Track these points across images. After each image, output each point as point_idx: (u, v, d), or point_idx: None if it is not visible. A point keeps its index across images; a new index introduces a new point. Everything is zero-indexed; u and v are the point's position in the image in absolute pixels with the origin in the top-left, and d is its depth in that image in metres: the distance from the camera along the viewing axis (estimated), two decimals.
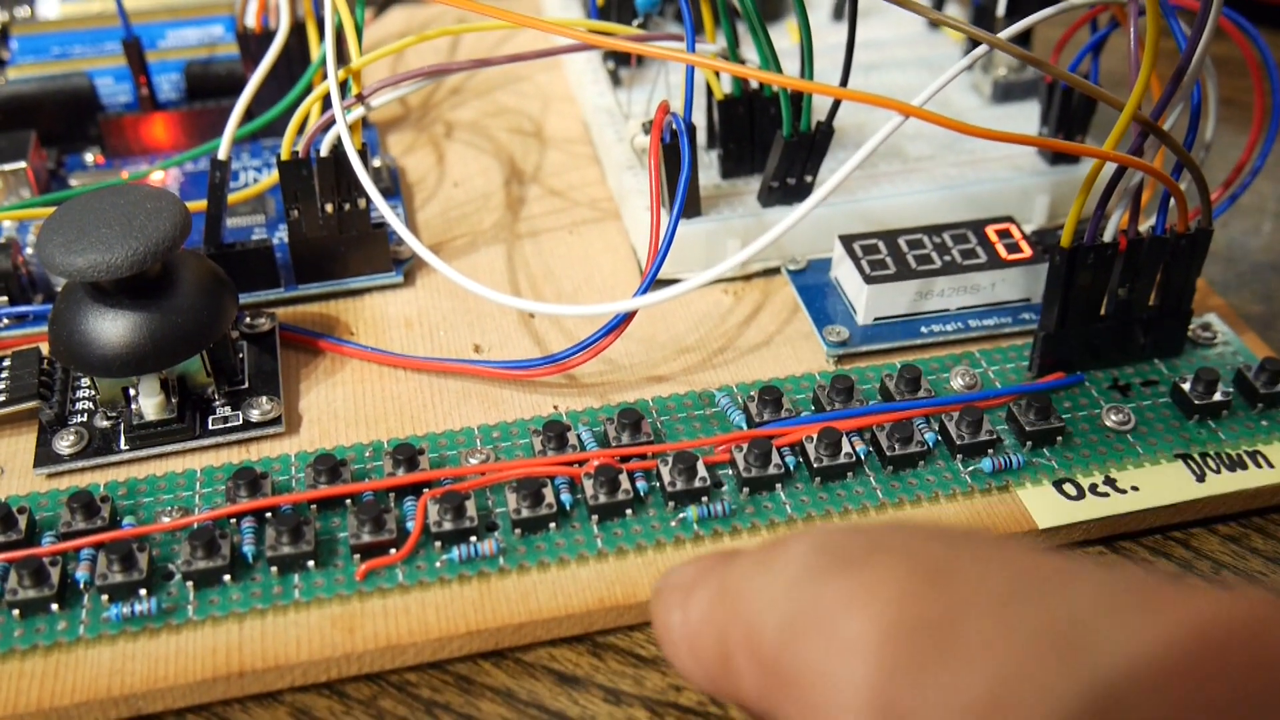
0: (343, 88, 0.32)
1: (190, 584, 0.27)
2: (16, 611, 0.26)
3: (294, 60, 0.38)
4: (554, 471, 0.29)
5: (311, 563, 0.27)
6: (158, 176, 0.40)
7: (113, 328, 0.29)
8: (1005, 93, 0.42)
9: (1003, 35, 0.29)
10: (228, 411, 0.31)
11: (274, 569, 0.27)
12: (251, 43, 0.39)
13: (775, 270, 0.37)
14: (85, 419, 0.31)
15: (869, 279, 0.33)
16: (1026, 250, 0.34)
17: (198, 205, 0.33)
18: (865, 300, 0.34)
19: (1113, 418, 0.31)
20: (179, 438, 0.30)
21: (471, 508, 0.28)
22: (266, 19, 0.39)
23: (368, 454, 0.30)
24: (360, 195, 0.34)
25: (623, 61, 0.43)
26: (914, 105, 0.28)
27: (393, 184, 0.40)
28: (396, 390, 0.32)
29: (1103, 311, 0.32)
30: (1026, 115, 0.41)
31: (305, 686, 0.26)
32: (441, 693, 0.26)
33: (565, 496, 0.28)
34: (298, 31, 0.37)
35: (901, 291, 0.34)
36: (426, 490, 0.29)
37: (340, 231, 0.35)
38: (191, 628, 0.26)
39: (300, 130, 0.33)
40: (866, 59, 0.43)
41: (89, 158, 0.41)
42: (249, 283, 0.35)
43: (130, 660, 0.26)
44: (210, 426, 0.31)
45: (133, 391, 0.30)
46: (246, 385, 0.32)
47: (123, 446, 0.30)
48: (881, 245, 0.34)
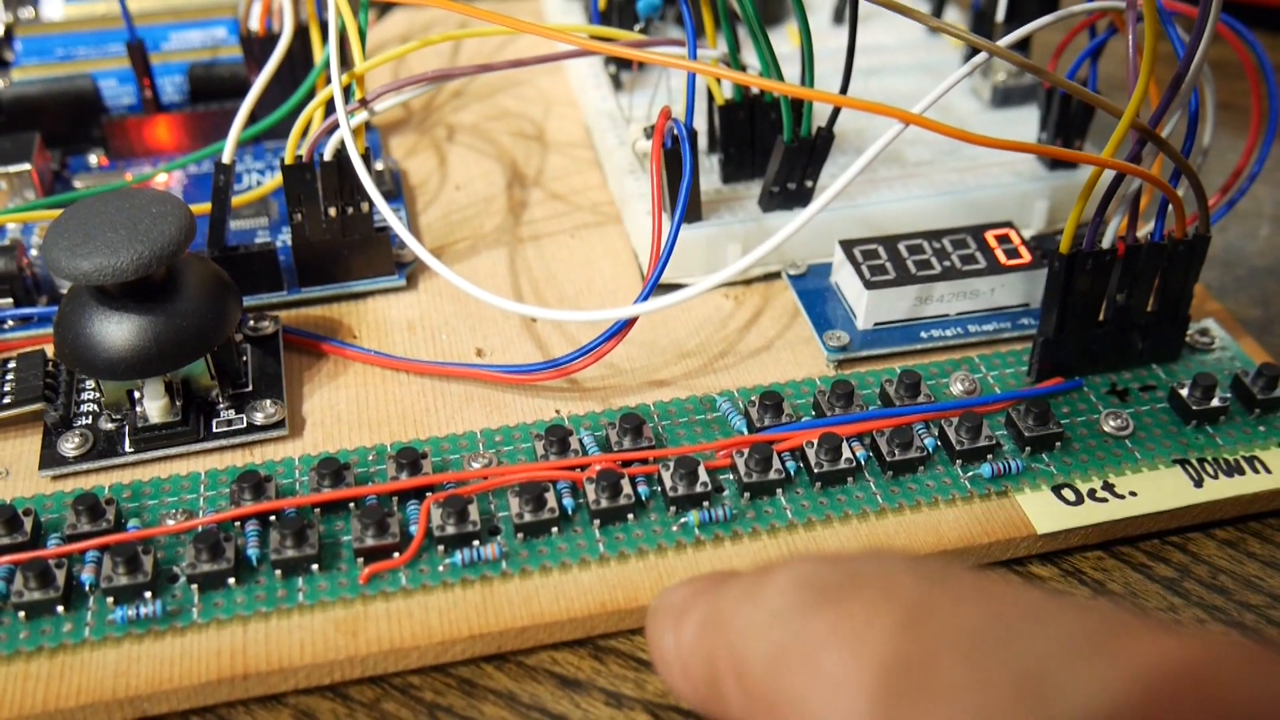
0: (346, 92, 0.32)
1: (195, 587, 0.27)
2: (22, 613, 0.26)
3: (297, 63, 0.38)
4: (556, 476, 0.29)
5: (315, 566, 0.27)
6: (161, 179, 0.40)
7: (118, 331, 0.29)
8: (1004, 97, 0.42)
9: (1002, 42, 0.29)
10: (232, 414, 0.31)
11: (278, 572, 0.27)
12: (255, 45, 0.39)
13: (776, 275, 0.37)
14: (90, 421, 0.31)
15: (869, 284, 0.34)
16: (1026, 256, 0.35)
17: (201, 208, 0.33)
18: (865, 305, 0.34)
19: (1111, 423, 0.31)
20: (183, 440, 0.31)
21: (474, 512, 0.28)
22: (270, 22, 0.39)
23: (371, 457, 0.30)
24: (363, 199, 0.34)
25: (624, 66, 0.43)
26: (914, 113, 0.28)
27: (395, 187, 0.40)
28: (399, 394, 0.33)
29: (1101, 317, 0.32)
30: (1026, 120, 0.41)
31: (309, 689, 0.27)
32: (444, 696, 0.27)
33: (567, 501, 0.29)
34: (301, 35, 0.38)
35: (901, 297, 0.34)
36: (429, 494, 0.29)
37: (343, 235, 0.35)
38: (196, 630, 0.26)
39: (304, 134, 0.33)
40: (867, 64, 0.44)
41: (93, 160, 0.41)
42: (252, 286, 0.35)
43: (135, 662, 0.26)
44: (214, 429, 0.31)
45: (137, 394, 0.31)
46: (250, 388, 0.32)
47: (127, 449, 0.30)
48: (881, 250, 0.35)
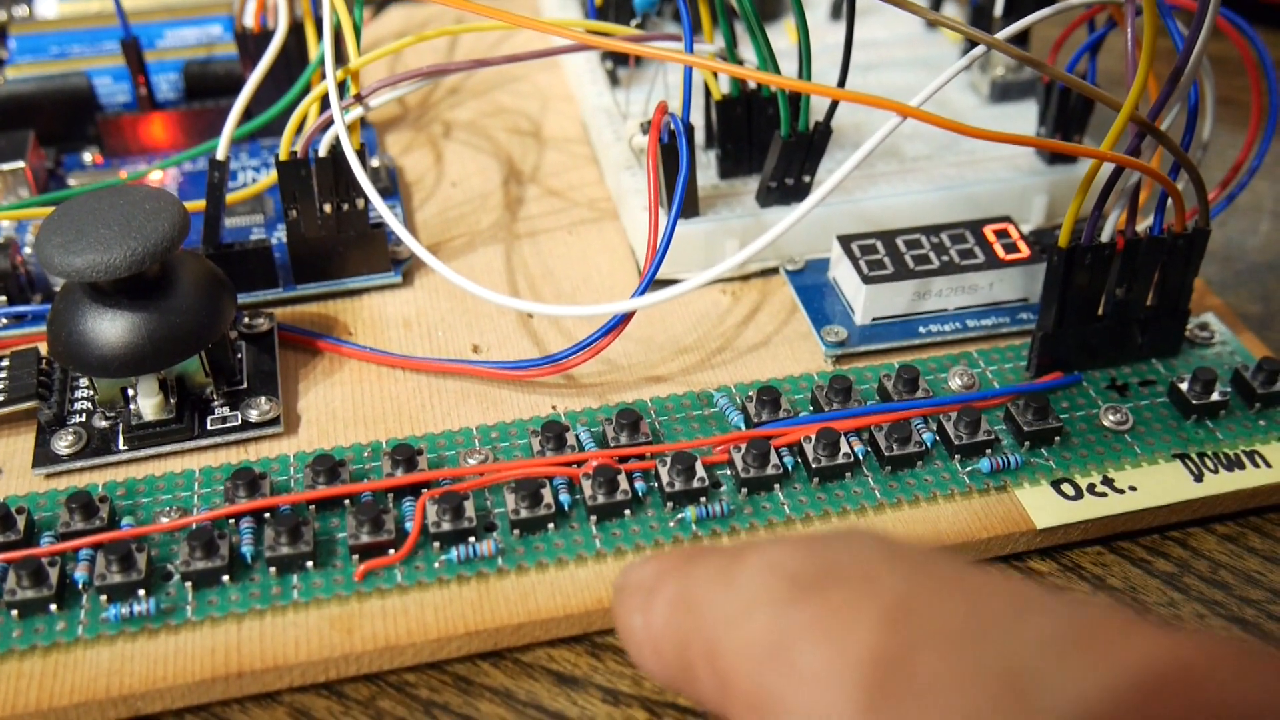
0: (341, 88, 0.32)
1: (189, 584, 0.27)
2: (15, 612, 0.26)
3: (292, 60, 0.38)
4: (552, 472, 0.29)
5: (310, 563, 0.27)
6: (156, 176, 0.40)
7: (111, 328, 0.29)
8: (1003, 92, 0.42)
9: (1000, 35, 0.29)
10: (226, 412, 0.31)
11: (273, 569, 0.27)
12: (250, 42, 0.39)
13: (773, 270, 0.37)
14: (84, 419, 0.31)
15: (867, 279, 0.34)
16: (1024, 250, 0.34)
17: (196, 205, 0.33)
18: (863, 300, 0.34)
19: (1110, 418, 0.31)
20: (177, 438, 0.30)
21: (470, 508, 0.28)
22: (265, 19, 0.39)
23: (366, 454, 0.30)
24: (358, 195, 0.34)
25: (621, 61, 0.43)
26: (912, 106, 0.28)
27: (391, 184, 0.40)
28: (395, 390, 0.33)
29: (1100, 311, 0.32)
30: (1024, 114, 0.41)
31: (304, 687, 0.27)
32: (440, 693, 0.27)
33: (564, 497, 0.29)
34: (296, 31, 0.37)
35: (899, 292, 0.34)
36: (425, 491, 0.29)
37: (339, 231, 0.35)
38: (190, 628, 0.26)
39: (298, 130, 0.33)
40: (864, 59, 0.43)
41: (87, 157, 0.41)
42: (247, 283, 0.35)
43: (129, 661, 0.26)
44: (209, 427, 0.31)
45: (131, 392, 0.30)
46: (245, 385, 0.32)
47: (121, 447, 0.30)
48: (879, 245, 0.34)
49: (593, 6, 0.41)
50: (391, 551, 0.27)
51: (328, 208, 0.34)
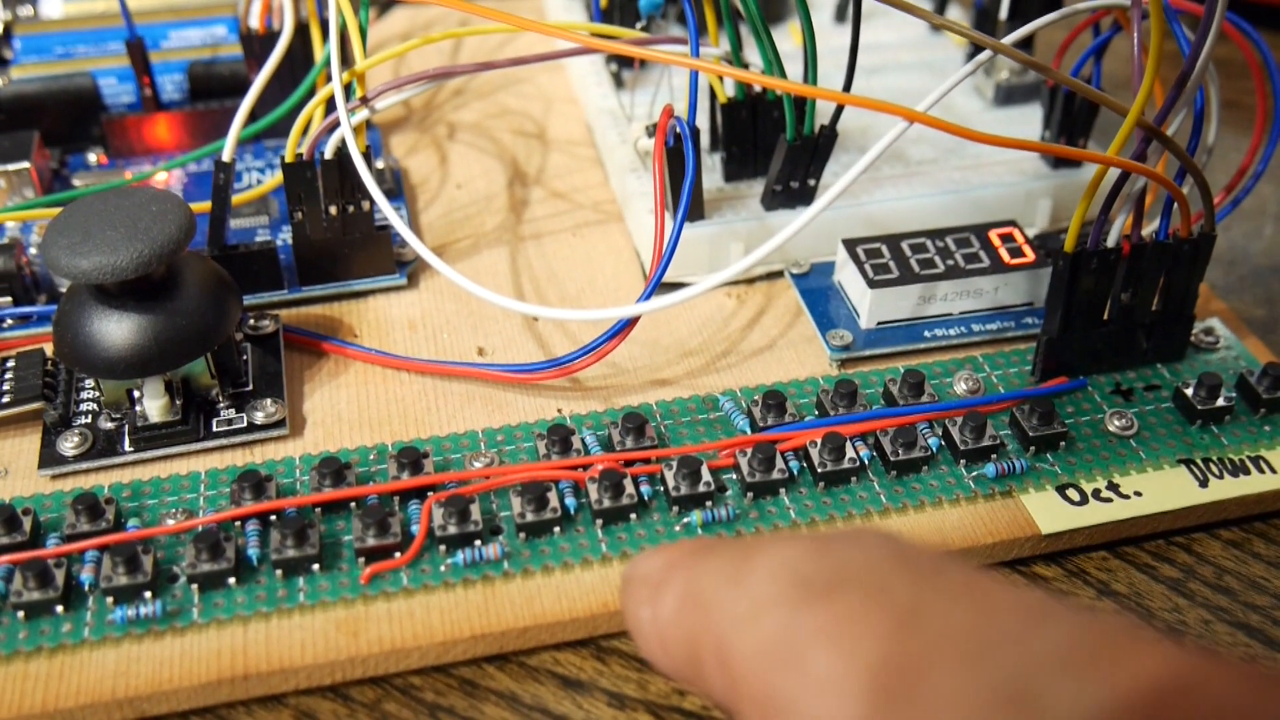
0: (347, 90, 0.32)
1: (195, 586, 0.27)
2: (21, 613, 0.26)
3: (297, 61, 0.38)
4: (558, 475, 0.29)
5: (316, 566, 0.27)
6: (161, 177, 0.40)
7: (117, 329, 0.29)
8: (1008, 96, 0.42)
9: (1005, 40, 0.29)
10: (232, 414, 0.31)
11: (278, 572, 0.27)
12: (255, 43, 0.39)
13: (778, 274, 0.37)
14: (89, 420, 0.31)
15: (872, 283, 0.34)
16: (1029, 254, 0.34)
17: (201, 206, 0.33)
18: (868, 304, 0.34)
19: (1115, 423, 0.31)
20: (183, 440, 0.30)
21: (476, 511, 0.28)
22: (270, 20, 0.39)
23: (372, 457, 0.30)
24: (364, 197, 0.34)
25: (626, 64, 0.43)
26: (918, 111, 0.28)
27: (396, 186, 0.40)
28: (400, 393, 0.33)
29: (1105, 316, 0.32)
30: (1029, 118, 0.41)
31: (309, 690, 0.27)
32: (446, 696, 0.27)
33: (569, 500, 0.29)
34: (301, 32, 0.37)
35: (905, 296, 0.34)
36: (431, 494, 0.29)
37: (344, 233, 0.35)
38: (196, 630, 0.26)
39: (304, 132, 0.33)
40: (869, 62, 0.43)
41: (92, 158, 0.41)
42: (253, 284, 0.35)
43: (135, 663, 0.26)
44: (214, 429, 0.31)
45: (137, 393, 0.30)
46: (251, 387, 0.32)
47: (127, 448, 0.30)
48: (885, 249, 0.34)
49: (598, 9, 0.41)
50: (397, 554, 0.28)
51: (333, 210, 0.34)
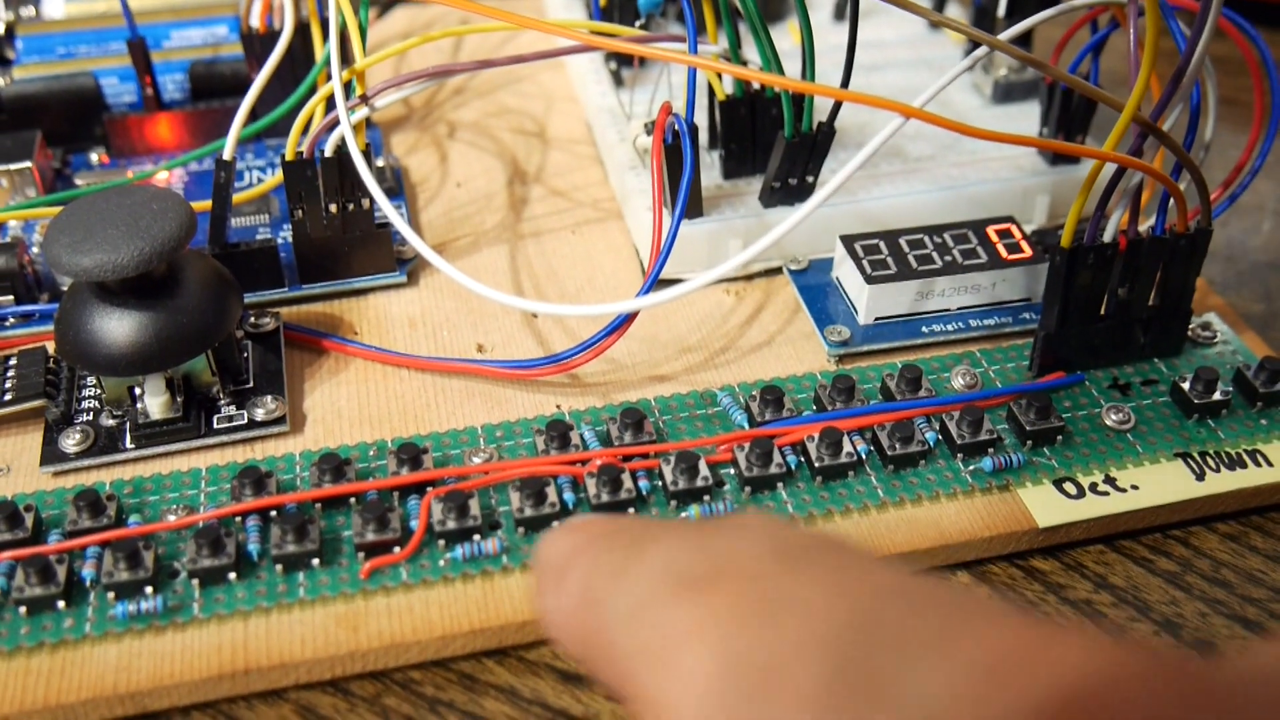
0: (347, 88, 0.32)
1: (196, 582, 0.27)
2: (23, 609, 0.26)
3: (297, 60, 0.38)
4: (557, 471, 0.29)
5: (316, 561, 0.27)
6: (162, 176, 0.40)
7: (119, 327, 0.29)
8: (1006, 93, 0.42)
9: (1003, 36, 0.29)
10: (233, 411, 0.31)
11: (279, 567, 0.27)
12: (256, 43, 0.39)
13: (777, 270, 0.37)
14: (91, 418, 0.31)
15: (870, 279, 0.34)
16: (1027, 250, 0.35)
17: (202, 205, 0.33)
18: (866, 300, 0.34)
19: (1113, 417, 0.31)
20: (184, 436, 0.31)
21: (475, 507, 0.28)
22: (271, 19, 0.39)
23: (372, 453, 0.30)
24: (364, 195, 0.34)
25: (625, 62, 0.43)
26: (915, 107, 0.28)
27: (396, 184, 0.40)
28: (400, 390, 0.33)
29: (1103, 311, 0.32)
30: (1027, 115, 0.41)
31: (310, 684, 0.27)
32: (445, 690, 0.27)
33: (568, 496, 0.29)
34: (301, 32, 0.38)
35: (902, 291, 0.34)
36: (430, 489, 0.29)
37: (344, 231, 0.35)
38: (197, 625, 0.27)
39: (304, 131, 0.33)
40: (867, 59, 0.44)
41: (94, 157, 0.41)
42: (253, 282, 0.35)
43: (136, 658, 0.26)
44: (215, 426, 0.31)
45: (138, 390, 0.31)
46: (251, 384, 0.32)
47: (128, 445, 0.30)
48: (882, 245, 0.35)
49: (597, 7, 0.41)
50: (397, 549, 0.28)
51: (333, 208, 0.34)
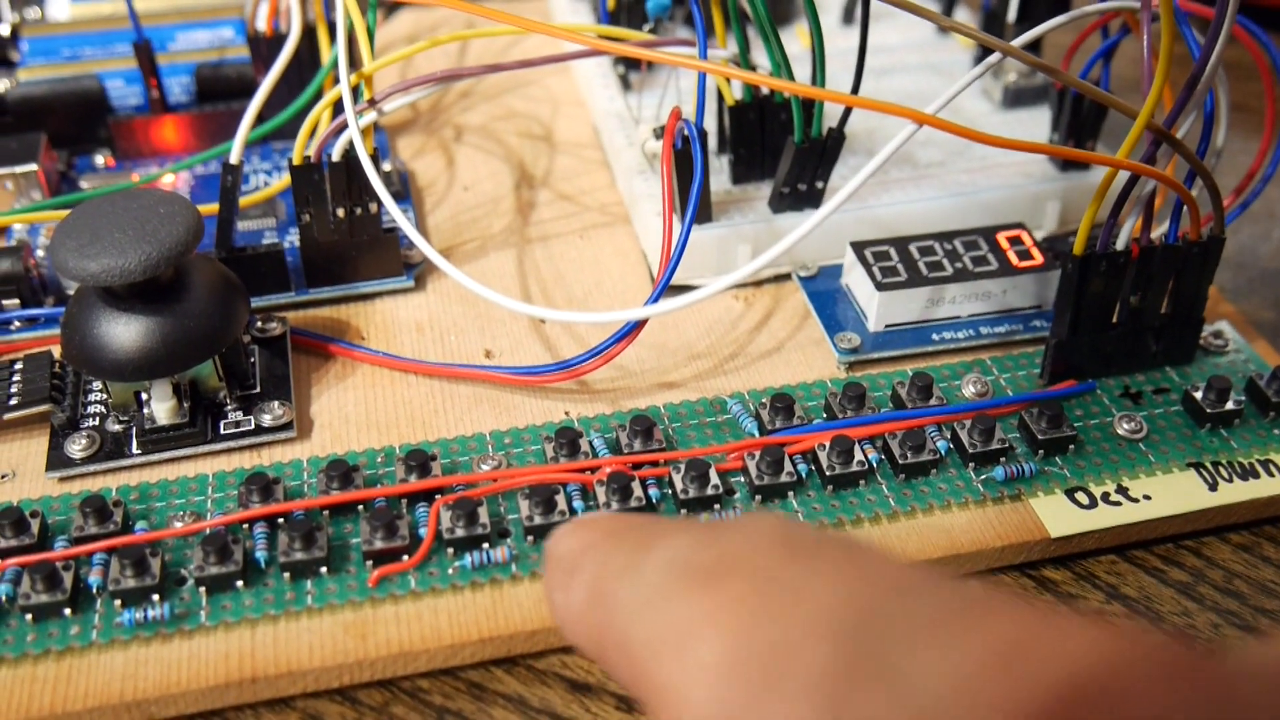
0: (354, 92, 0.32)
1: (203, 589, 0.27)
2: (29, 616, 0.26)
3: (304, 64, 0.38)
4: (566, 478, 0.29)
5: (324, 568, 0.27)
6: (168, 180, 0.40)
7: (125, 332, 0.29)
8: (1016, 98, 0.42)
9: (1014, 42, 0.29)
10: (239, 416, 0.31)
11: (286, 574, 0.27)
12: (262, 46, 0.39)
13: (786, 276, 0.37)
14: (97, 423, 0.31)
15: (880, 286, 0.33)
16: (1038, 257, 0.34)
17: (209, 208, 0.33)
18: (876, 307, 0.34)
19: (1124, 426, 0.31)
20: (191, 442, 0.30)
21: (484, 514, 0.28)
22: (277, 22, 0.39)
23: (380, 459, 0.30)
24: (371, 199, 0.34)
25: (633, 66, 0.43)
26: (927, 113, 0.28)
27: (403, 188, 0.40)
28: (408, 395, 0.32)
29: (1114, 319, 0.32)
30: (1037, 120, 0.41)
31: (317, 692, 0.26)
32: (454, 699, 0.26)
33: (578, 504, 0.29)
34: (308, 35, 0.37)
35: (913, 298, 0.34)
36: (439, 496, 0.29)
37: (351, 236, 0.35)
38: (204, 633, 0.26)
39: (312, 134, 0.33)
40: (876, 64, 0.43)
41: (99, 160, 0.41)
42: (260, 287, 0.35)
43: (143, 665, 0.26)
44: (222, 431, 0.31)
45: (145, 395, 0.30)
46: (258, 390, 0.32)
47: (134, 450, 0.30)
48: (893, 252, 0.34)
49: (605, 11, 0.41)
50: (405, 557, 0.27)
51: (340, 212, 0.34)
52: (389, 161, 0.40)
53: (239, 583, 0.27)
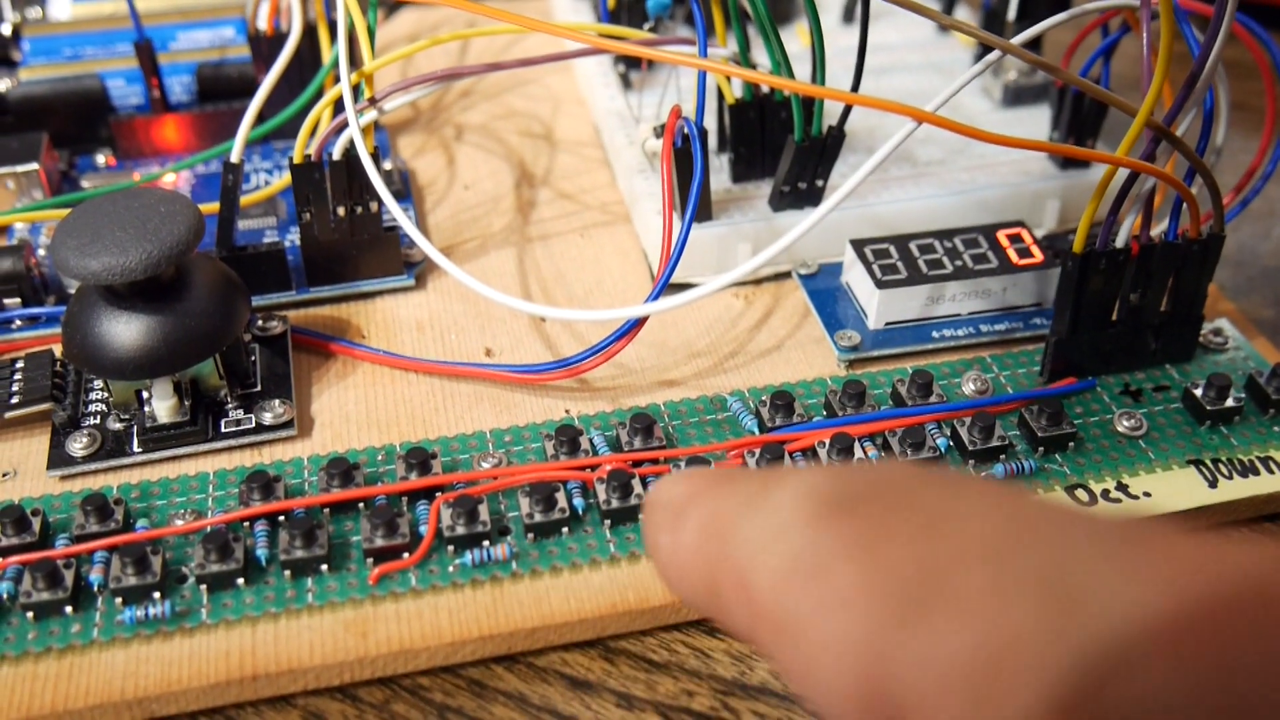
0: (355, 91, 0.32)
1: (204, 587, 0.27)
2: (30, 614, 0.26)
3: (305, 63, 0.38)
4: (566, 476, 0.29)
5: (325, 566, 0.27)
6: (169, 179, 0.40)
7: (126, 330, 0.29)
8: (1016, 96, 0.42)
9: (1014, 40, 0.29)
10: (240, 414, 0.31)
11: (287, 572, 0.27)
12: (263, 45, 0.39)
13: (786, 274, 0.37)
14: (98, 421, 0.31)
15: (880, 284, 0.33)
16: (1038, 255, 0.34)
17: (210, 207, 0.33)
18: (877, 305, 0.34)
19: (1124, 423, 0.31)
20: (192, 440, 0.30)
21: (484, 512, 0.28)
22: (278, 21, 0.39)
23: (380, 457, 0.30)
24: (372, 198, 0.34)
25: (633, 65, 0.43)
26: (927, 111, 0.28)
27: (404, 187, 0.40)
28: (408, 393, 0.33)
29: (1114, 317, 0.32)
30: (1037, 119, 0.41)
31: (318, 690, 0.27)
32: (454, 697, 0.27)
33: (578, 501, 0.29)
34: (309, 34, 0.38)
35: (913, 296, 0.34)
36: (439, 494, 0.29)
37: (352, 234, 0.35)
38: (205, 631, 0.26)
39: (312, 133, 0.33)
40: (876, 62, 0.43)
41: (100, 159, 0.41)
42: (261, 285, 0.35)
43: (144, 663, 0.26)
44: (223, 429, 0.31)
45: (145, 394, 0.30)
46: (259, 388, 0.32)
47: (135, 449, 0.30)
48: (893, 250, 0.34)
49: (605, 10, 0.41)
50: (406, 555, 0.28)
51: (341, 211, 0.34)
52: (389, 160, 0.40)
53: (240, 580, 0.27)
